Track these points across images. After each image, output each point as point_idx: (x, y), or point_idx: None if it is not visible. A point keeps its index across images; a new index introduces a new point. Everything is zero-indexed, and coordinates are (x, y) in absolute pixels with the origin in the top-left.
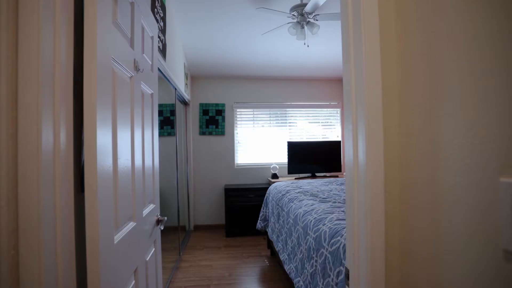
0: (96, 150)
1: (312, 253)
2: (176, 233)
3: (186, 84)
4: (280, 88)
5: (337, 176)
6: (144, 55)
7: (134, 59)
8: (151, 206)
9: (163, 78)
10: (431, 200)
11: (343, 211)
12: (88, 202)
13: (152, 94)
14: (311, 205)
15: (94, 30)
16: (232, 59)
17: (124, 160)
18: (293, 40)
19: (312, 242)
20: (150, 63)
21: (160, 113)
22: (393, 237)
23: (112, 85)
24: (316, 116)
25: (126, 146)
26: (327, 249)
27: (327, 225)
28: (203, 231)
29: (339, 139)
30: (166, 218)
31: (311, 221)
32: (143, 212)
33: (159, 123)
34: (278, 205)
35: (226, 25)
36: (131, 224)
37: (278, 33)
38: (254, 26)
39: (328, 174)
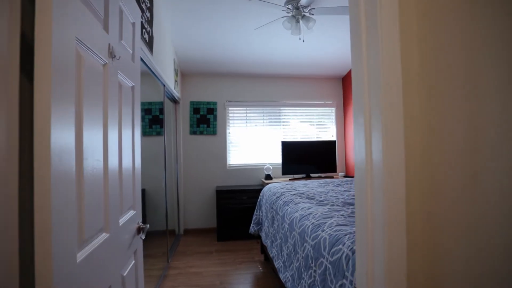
0: (49, 150)
1: (310, 262)
2: (164, 237)
3: (176, 81)
4: (274, 87)
5: (332, 177)
6: (122, 42)
7: (109, 44)
8: (131, 213)
9: (150, 74)
10: (468, 211)
11: (342, 215)
12: (38, 215)
13: (133, 87)
14: (308, 209)
15: None
16: (224, 56)
17: (93, 161)
18: (288, 36)
19: (310, 250)
20: (131, 52)
21: (149, 111)
22: (417, 259)
23: (77, 71)
24: (310, 115)
25: (97, 145)
26: (327, 259)
27: (327, 232)
28: (193, 235)
29: (334, 138)
30: (148, 225)
31: (309, 226)
32: (120, 220)
33: (147, 122)
34: (272, 208)
35: (217, 19)
36: (103, 236)
37: (272, 29)
38: (247, 20)
39: (323, 175)
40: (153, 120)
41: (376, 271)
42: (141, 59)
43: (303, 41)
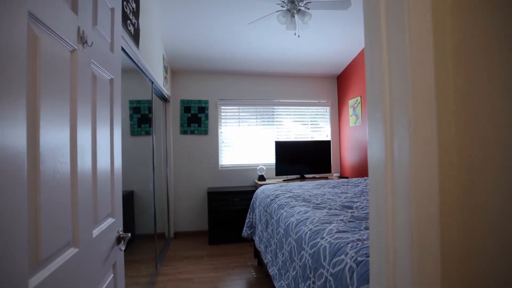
0: None
1: (308, 272)
2: (152, 241)
3: (165, 78)
4: (268, 85)
5: (326, 178)
6: (97, 27)
7: (78, 28)
8: (109, 221)
9: (137, 70)
10: None
11: (342, 220)
12: None
13: (112, 81)
14: (305, 213)
15: None
16: (216, 52)
17: (54, 164)
18: (283, 32)
19: (308, 259)
20: (109, 40)
21: (137, 110)
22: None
23: (31, 55)
24: (304, 114)
25: (62, 146)
26: (327, 270)
27: (326, 239)
28: (184, 239)
29: (328, 138)
30: (129, 234)
31: (306, 233)
32: (95, 231)
33: (135, 121)
34: (266, 211)
35: (209, 13)
36: (71, 252)
37: (266, 24)
38: (240, 14)
39: (317, 175)
40: (142, 119)
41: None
42: (126, 53)
43: (299, 36)
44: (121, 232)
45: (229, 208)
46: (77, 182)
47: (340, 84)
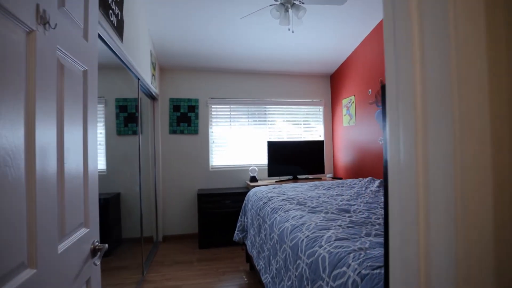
0: None
1: (305, 284)
2: (138, 246)
3: (153, 75)
4: (260, 84)
5: (320, 179)
6: (66, 9)
7: (37, 6)
8: (81, 232)
9: (122, 66)
10: None
11: (340, 225)
12: None
13: (85, 72)
14: (300, 217)
15: None
16: (207, 49)
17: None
18: (276, 28)
19: (305, 269)
20: (81, 26)
21: (124, 108)
22: None
23: None
24: (297, 114)
25: (10, 147)
26: (327, 283)
27: (325, 248)
28: (173, 242)
29: (321, 138)
30: (106, 246)
31: (303, 240)
32: (61, 246)
33: (122, 120)
34: (259, 215)
35: (199, 7)
36: (26, 274)
37: (259, 20)
38: (232, 8)
39: (310, 176)
40: (129, 118)
41: None
42: (108, 46)
43: (293, 31)
44: (96, 244)
45: (220, 210)
46: (34, 189)
47: (333, 83)
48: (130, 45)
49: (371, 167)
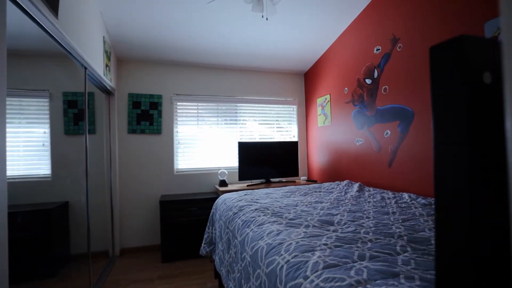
0: None
1: None
2: (86, 264)
3: (107, 66)
4: (231, 80)
5: (294, 182)
6: None
7: None
8: None
9: (58, 46)
10: None
11: (325, 244)
12: None
13: None
14: (277, 234)
15: None
16: (172, 39)
17: None
18: (247, 19)
19: None
20: None
21: (73, 104)
22: None
23: None
24: (270, 113)
25: None
26: None
27: (313, 282)
28: (132, 256)
29: (295, 139)
30: None
31: (282, 266)
32: None
33: (71, 118)
34: (228, 228)
35: None
36: None
37: (230, 7)
38: None
39: (284, 179)
40: (79, 115)
41: None
42: (34, 20)
43: (267, 19)
44: None
45: (186, 218)
46: None
47: (307, 82)
48: (71, 25)
49: (347, 169)
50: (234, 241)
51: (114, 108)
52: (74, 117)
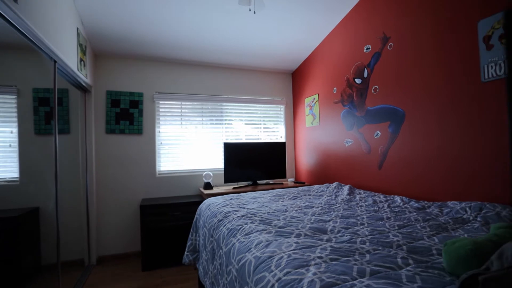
0: None
1: None
2: (55, 276)
3: (82, 60)
4: (216, 78)
5: (281, 183)
6: None
7: None
8: None
9: (20, 36)
10: None
11: (320, 257)
12: None
13: None
14: (266, 245)
15: None
16: (153, 34)
17: None
18: (233, 13)
19: None
20: None
21: (45, 101)
22: None
23: None
24: (256, 112)
25: None
26: None
27: None
28: (110, 265)
29: (283, 140)
30: None
31: (273, 285)
32: None
33: (43, 116)
34: (212, 237)
35: None
36: None
37: (215, 2)
38: None
39: (271, 181)
40: (51, 113)
41: None
42: None
43: (254, 12)
44: None
45: (168, 223)
46: None
47: (295, 81)
48: (35, 12)
49: (336, 171)
50: (219, 251)
51: (90, 106)
52: (46, 115)
